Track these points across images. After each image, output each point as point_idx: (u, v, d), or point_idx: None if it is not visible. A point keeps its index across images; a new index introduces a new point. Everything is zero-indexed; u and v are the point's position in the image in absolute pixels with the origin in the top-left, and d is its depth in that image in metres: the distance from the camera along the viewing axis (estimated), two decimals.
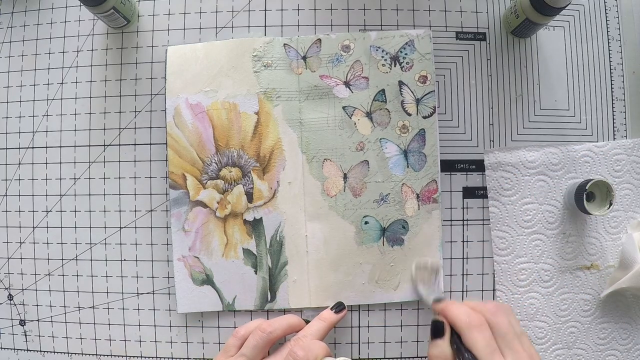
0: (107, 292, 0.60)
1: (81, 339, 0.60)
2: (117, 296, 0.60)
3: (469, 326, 0.47)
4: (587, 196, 0.55)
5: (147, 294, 0.60)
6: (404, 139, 0.59)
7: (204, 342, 0.59)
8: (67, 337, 0.60)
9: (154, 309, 0.60)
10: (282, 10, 0.61)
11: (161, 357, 0.60)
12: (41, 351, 0.60)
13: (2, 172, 0.61)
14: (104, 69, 0.61)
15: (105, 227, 0.60)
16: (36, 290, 0.61)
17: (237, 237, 0.58)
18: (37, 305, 0.61)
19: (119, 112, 0.61)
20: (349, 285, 0.58)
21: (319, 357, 0.50)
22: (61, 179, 0.61)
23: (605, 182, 0.55)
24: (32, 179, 0.61)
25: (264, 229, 0.58)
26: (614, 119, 0.61)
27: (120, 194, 0.60)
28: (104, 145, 0.61)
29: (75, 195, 0.61)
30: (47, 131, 0.61)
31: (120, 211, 0.60)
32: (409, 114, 0.59)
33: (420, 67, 0.59)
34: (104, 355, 0.60)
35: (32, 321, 0.61)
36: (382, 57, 0.59)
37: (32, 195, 0.61)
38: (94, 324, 0.60)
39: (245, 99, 0.59)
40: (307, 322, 0.56)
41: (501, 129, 0.61)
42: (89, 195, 0.61)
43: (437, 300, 0.52)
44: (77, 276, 0.60)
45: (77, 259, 0.60)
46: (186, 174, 0.58)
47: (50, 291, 0.61)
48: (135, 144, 0.61)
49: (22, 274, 0.61)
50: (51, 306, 0.60)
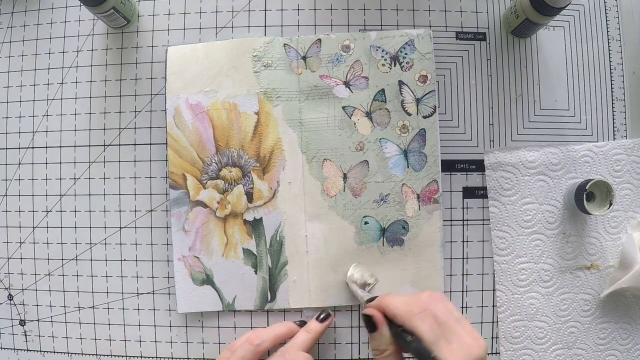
0: (107, 292, 0.60)
1: (81, 339, 0.60)
2: (117, 296, 0.60)
3: (410, 315, 0.46)
4: (587, 196, 0.55)
5: (147, 294, 0.60)
6: (404, 138, 0.59)
7: (204, 342, 0.59)
8: (67, 337, 0.60)
9: (154, 309, 0.60)
10: (282, 10, 0.61)
11: (161, 357, 0.60)
12: (41, 351, 0.60)
13: (2, 172, 0.61)
14: (104, 69, 0.61)
15: (105, 227, 0.60)
16: (36, 290, 0.61)
17: (237, 237, 0.58)
18: (37, 305, 0.61)
19: (119, 112, 0.61)
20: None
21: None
22: (61, 179, 0.61)
23: (605, 182, 0.55)
24: (32, 179, 0.61)
25: (264, 229, 0.58)
26: (614, 119, 0.61)
27: (120, 194, 0.60)
28: (104, 145, 0.61)
29: (75, 195, 0.61)
30: (47, 131, 0.61)
31: (120, 211, 0.60)
32: (409, 114, 0.59)
33: (420, 67, 0.59)
34: (104, 355, 0.60)
35: (32, 321, 0.61)
36: (382, 56, 0.59)
37: (32, 195, 0.61)
38: (94, 324, 0.60)
39: (245, 99, 0.59)
40: (302, 323, 0.56)
41: (501, 129, 0.61)
42: (89, 195, 0.61)
43: (370, 299, 0.51)
44: (77, 276, 0.60)
45: (77, 259, 0.60)
46: (186, 174, 0.58)
47: (50, 291, 0.61)
48: (135, 144, 0.61)
49: (22, 274, 0.61)
50: (51, 306, 0.60)
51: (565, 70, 0.61)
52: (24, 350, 0.61)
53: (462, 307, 0.59)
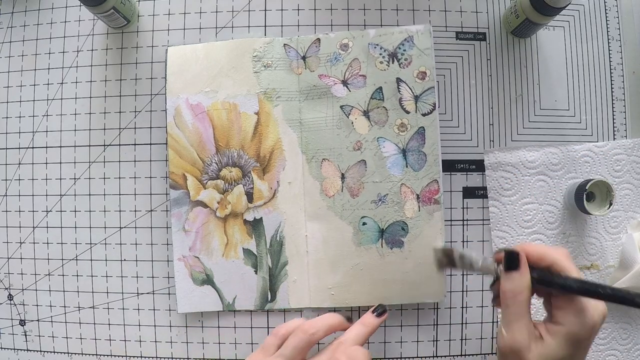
0: (107, 292, 0.60)
1: (81, 339, 0.60)
2: (117, 296, 0.60)
3: (567, 256, 0.45)
4: (587, 196, 0.55)
5: (147, 294, 0.60)
6: (403, 137, 0.58)
7: (204, 342, 0.59)
8: (67, 337, 0.60)
9: (154, 309, 0.60)
10: (282, 10, 0.61)
11: (161, 357, 0.60)
12: (41, 351, 0.60)
13: (2, 172, 0.61)
14: (104, 69, 0.61)
15: (105, 227, 0.60)
16: (36, 290, 0.61)
17: (237, 237, 0.58)
18: (37, 305, 0.61)
19: (119, 112, 0.61)
20: (348, 286, 0.58)
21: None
22: (61, 179, 0.61)
23: (605, 182, 0.55)
24: (32, 179, 0.61)
25: (264, 229, 0.58)
26: (614, 119, 0.61)
27: (120, 194, 0.60)
28: (104, 145, 0.61)
29: (75, 195, 0.61)
30: (47, 131, 0.61)
31: (120, 211, 0.60)
32: (407, 112, 0.58)
33: (419, 63, 0.58)
34: (104, 355, 0.60)
35: (32, 321, 0.61)
36: (380, 54, 0.59)
37: (32, 195, 0.61)
38: (94, 324, 0.60)
39: (245, 99, 0.59)
40: (348, 319, 0.54)
41: (501, 129, 0.61)
42: (89, 195, 0.61)
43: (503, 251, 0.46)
44: (77, 276, 0.60)
45: (77, 259, 0.60)
46: (186, 174, 0.58)
47: (50, 291, 0.61)
48: (135, 144, 0.61)
49: (22, 274, 0.61)
50: (51, 306, 0.60)
51: (565, 70, 0.61)
52: (24, 350, 0.61)
53: (462, 307, 0.59)
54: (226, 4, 0.61)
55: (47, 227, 0.61)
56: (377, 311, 0.54)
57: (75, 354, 0.60)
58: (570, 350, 0.43)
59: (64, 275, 0.60)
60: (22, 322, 0.61)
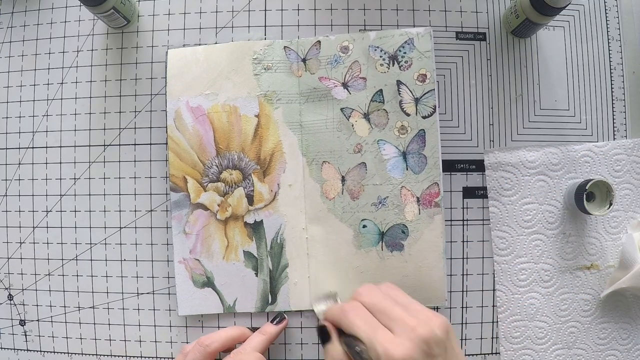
0: (107, 292, 0.60)
1: (81, 339, 0.60)
2: (117, 296, 0.60)
3: (343, 313, 0.45)
4: (587, 196, 0.55)
5: (147, 294, 0.60)
6: (403, 140, 0.58)
7: None
8: (67, 337, 0.60)
9: (154, 309, 0.60)
10: (282, 10, 0.61)
11: (161, 357, 0.60)
12: (41, 351, 0.60)
13: (2, 172, 0.61)
14: (104, 69, 0.61)
15: (105, 227, 0.60)
16: (36, 290, 0.61)
17: (238, 239, 0.58)
18: (37, 305, 0.61)
19: (119, 112, 0.61)
20: (348, 289, 0.58)
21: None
22: (61, 179, 0.61)
23: (605, 182, 0.55)
24: (32, 179, 0.61)
25: (264, 231, 0.58)
26: (614, 119, 0.61)
27: (120, 194, 0.60)
28: (104, 145, 0.61)
29: (75, 195, 0.61)
30: (47, 131, 0.61)
31: (120, 211, 0.60)
32: (408, 114, 0.58)
33: (419, 66, 0.58)
34: (104, 355, 0.60)
35: (32, 321, 0.61)
36: (381, 56, 0.58)
37: (32, 195, 0.61)
38: (94, 324, 0.60)
39: (245, 102, 0.59)
40: (255, 329, 0.56)
41: (501, 129, 0.61)
42: (89, 195, 0.61)
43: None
44: (77, 276, 0.60)
45: (77, 259, 0.60)
46: (187, 176, 0.58)
47: (50, 291, 0.61)
48: (135, 144, 0.61)
49: (22, 274, 0.61)
50: (51, 306, 0.61)
51: (565, 70, 0.61)
52: (24, 350, 0.61)
53: (462, 307, 0.59)
54: (226, 4, 0.61)
55: (47, 227, 0.61)
56: (275, 320, 0.57)
57: (75, 354, 0.60)
58: None
59: (64, 275, 0.60)
60: (22, 322, 0.61)
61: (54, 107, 0.61)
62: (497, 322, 0.59)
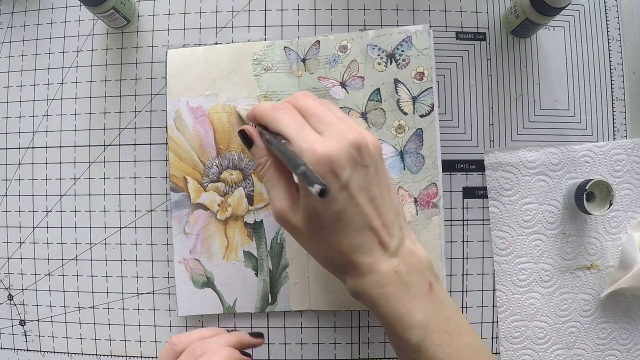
0: (107, 292, 0.60)
1: (81, 339, 0.60)
2: (117, 296, 0.60)
3: (273, 110, 0.43)
4: (587, 196, 0.55)
5: (147, 294, 0.60)
6: (400, 139, 0.58)
7: None
8: (67, 337, 0.60)
9: (154, 309, 0.60)
10: (282, 10, 0.61)
11: None
12: (41, 351, 0.60)
13: (2, 172, 0.61)
14: (104, 69, 0.61)
15: (105, 227, 0.60)
16: (36, 290, 0.61)
17: (238, 239, 0.58)
18: (37, 305, 0.61)
19: (119, 112, 0.61)
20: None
21: (220, 350, 0.45)
22: (61, 179, 0.61)
23: (605, 182, 0.55)
24: (32, 179, 0.61)
25: (264, 231, 0.58)
26: (614, 119, 0.61)
27: (120, 194, 0.60)
28: (104, 145, 0.61)
29: (75, 195, 0.61)
30: (47, 131, 0.61)
31: (120, 211, 0.60)
32: (405, 113, 0.57)
33: (416, 64, 0.58)
34: (104, 355, 0.60)
35: (32, 321, 0.61)
36: (379, 55, 0.58)
37: (32, 195, 0.61)
38: (94, 324, 0.60)
39: (245, 102, 0.59)
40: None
41: (501, 129, 0.61)
42: (89, 195, 0.61)
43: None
44: (77, 276, 0.60)
45: (77, 259, 0.60)
46: (187, 177, 0.58)
47: (50, 291, 0.61)
48: (135, 144, 0.61)
49: (22, 274, 0.61)
50: (51, 306, 0.60)
51: (565, 70, 0.61)
52: (24, 350, 0.61)
53: (462, 308, 0.59)
54: (226, 4, 0.61)
55: (47, 227, 0.61)
56: (253, 334, 0.51)
57: (75, 354, 0.60)
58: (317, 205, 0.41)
59: (64, 275, 0.60)
60: (22, 322, 0.61)
61: (54, 107, 0.61)
62: (497, 322, 0.59)
